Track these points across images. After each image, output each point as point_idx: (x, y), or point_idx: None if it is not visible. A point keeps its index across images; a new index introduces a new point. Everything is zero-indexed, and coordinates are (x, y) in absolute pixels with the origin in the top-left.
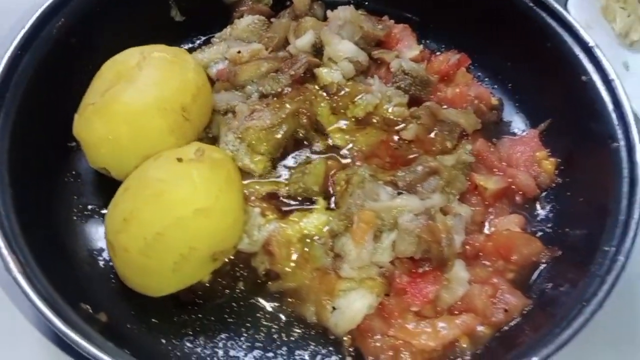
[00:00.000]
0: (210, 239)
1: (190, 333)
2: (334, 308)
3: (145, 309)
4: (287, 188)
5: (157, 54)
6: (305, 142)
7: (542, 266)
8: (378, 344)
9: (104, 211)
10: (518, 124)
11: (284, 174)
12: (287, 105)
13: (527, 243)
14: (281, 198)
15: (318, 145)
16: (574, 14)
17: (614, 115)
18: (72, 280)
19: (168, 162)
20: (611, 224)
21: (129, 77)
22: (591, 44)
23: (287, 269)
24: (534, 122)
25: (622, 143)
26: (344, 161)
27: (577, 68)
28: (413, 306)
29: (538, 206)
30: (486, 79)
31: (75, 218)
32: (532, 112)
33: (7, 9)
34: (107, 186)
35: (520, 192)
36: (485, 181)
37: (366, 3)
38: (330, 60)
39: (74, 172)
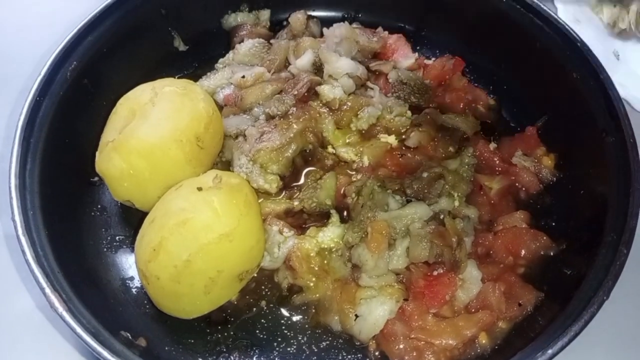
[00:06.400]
0: (236, 261)
1: (225, 350)
2: (356, 316)
3: (180, 330)
4: (301, 204)
5: (167, 88)
6: (314, 159)
7: (551, 258)
8: (402, 347)
9: (131, 241)
10: (516, 122)
11: (297, 190)
12: (294, 125)
13: (535, 238)
14: (296, 215)
15: (327, 160)
16: (561, 10)
17: (605, 110)
18: (109, 309)
19: (189, 191)
20: (610, 214)
21: (143, 113)
22: (579, 41)
23: (308, 282)
24: (531, 119)
25: (615, 136)
26: (352, 174)
27: (567, 65)
28: (431, 308)
29: (542, 201)
30: (482, 81)
31: (105, 250)
32: (529, 110)
33: (22, 58)
34: (131, 217)
35: (524, 189)
36: (490, 181)
37: (359, 16)
38: (331, 77)
39: (99, 206)
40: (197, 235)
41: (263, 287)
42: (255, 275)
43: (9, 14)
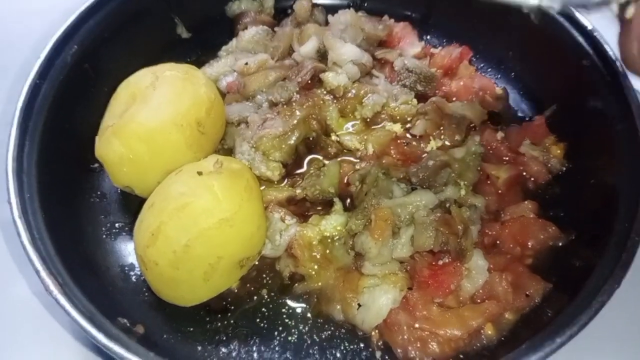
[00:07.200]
0: (236, 247)
1: (224, 339)
2: (359, 305)
3: (179, 318)
4: (304, 192)
5: (169, 72)
6: (317, 146)
7: (560, 249)
8: (405, 337)
9: (130, 228)
10: (524, 111)
11: (300, 178)
12: (297, 112)
13: (543, 228)
14: (299, 203)
15: (330, 148)
16: None
17: (616, 97)
18: (107, 296)
19: (189, 176)
20: (621, 204)
21: (143, 97)
22: (590, 27)
23: (310, 270)
24: (539, 108)
25: (625, 124)
26: (356, 162)
27: (577, 53)
28: (436, 298)
29: (550, 191)
30: (489, 70)
31: (104, 236)
32: (537, 99)
33: (21, 39)
34: (131, 203)
35: (532, 179)
36: (497, 170)
37: (365, 4)
38: (335, 64)
39: (99, 193)
40: (196, 220)
41: (264, 275)
42: (256, 263)
43: (9, 1)
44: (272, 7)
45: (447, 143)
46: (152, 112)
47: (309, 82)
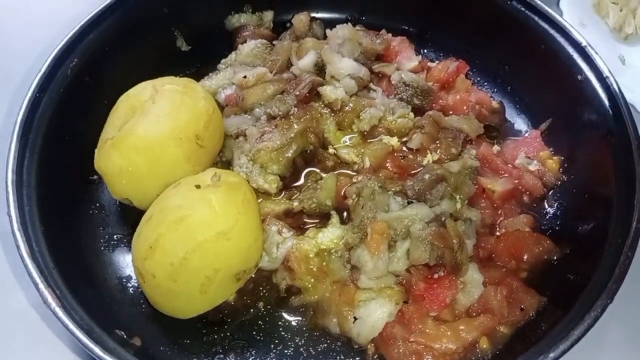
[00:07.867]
0: (233, 260)
1: (221, 351)
2: (355, 318)
3: (176, 330)
4: (301, 205)
5: (168, 86)
6: (314, 159)
7: (554, 263)
8: (401, 350)
9: (129, 240)
10: (520, 125)
11: (297, 191)
12: (295, 125)
13: (538, 242)
14: (296, 215)
15: (327, 162)
16: (567, 13)
17: (610, 112)
18: (105, 308)
19: (187, 189)
20: (615, 217)
21: (143, 110)
22: (584, 43)
23: (307, 283)
24: (535, 122)
25: (619, 138)
26: (353, 175)
27: (572, 68)
28: (432, 311)
29: (546, 205)
30: (485, 84)
31: (102, 248)
32: (533, 113)
33: (22, 52)
34: (130, 216)
35: (527, 192)
36: (492, 184)
37: (363, 18)
38: (333, 78)
39: (97, 205)
40: (194, 233)
41: (261, 288)
42: (253, 276)
43: (11, 11)
44: (271, 21)
45: (443, 157)
46: (151, 125)
47: (307, 95)
